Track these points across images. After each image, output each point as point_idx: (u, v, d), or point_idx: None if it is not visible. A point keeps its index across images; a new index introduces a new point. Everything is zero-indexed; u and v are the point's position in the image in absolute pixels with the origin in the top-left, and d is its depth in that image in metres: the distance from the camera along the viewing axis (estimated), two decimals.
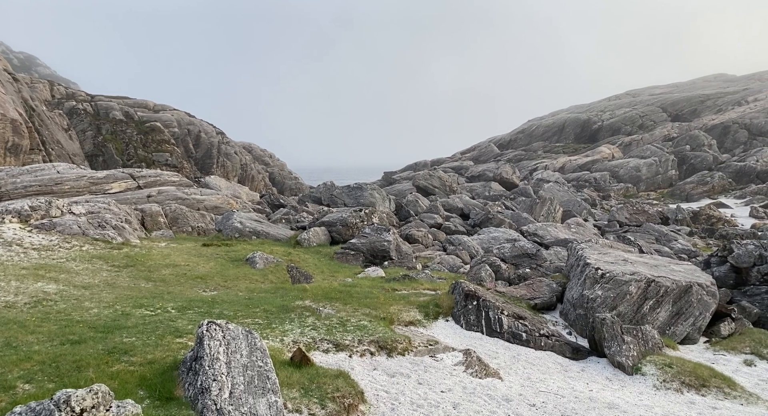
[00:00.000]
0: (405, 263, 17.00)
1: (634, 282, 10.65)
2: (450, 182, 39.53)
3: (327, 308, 9.85)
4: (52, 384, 5.60)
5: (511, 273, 15.33)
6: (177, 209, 22.18)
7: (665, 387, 8.43)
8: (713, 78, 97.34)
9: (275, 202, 32.45)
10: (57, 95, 57.79)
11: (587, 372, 9.01)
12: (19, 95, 43.77)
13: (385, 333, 8.82)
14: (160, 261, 14.07)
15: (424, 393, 7.12)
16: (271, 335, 8.12)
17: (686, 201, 43.01)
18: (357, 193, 30.17)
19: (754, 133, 56.62)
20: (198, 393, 5.36)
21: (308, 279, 14.02)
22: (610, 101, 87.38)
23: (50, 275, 11.06)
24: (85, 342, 6.95)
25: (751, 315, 12.14)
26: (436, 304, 10.95)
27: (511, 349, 9.56)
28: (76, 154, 46.92)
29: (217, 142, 63.84)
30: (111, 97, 61.19)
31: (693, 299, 10.78)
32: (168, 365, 6.23)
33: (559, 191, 38.77)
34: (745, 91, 71.35)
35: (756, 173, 46.93)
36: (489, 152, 72.00)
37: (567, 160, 58.33)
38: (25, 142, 38.11)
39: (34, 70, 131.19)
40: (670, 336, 10.58)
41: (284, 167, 76.61)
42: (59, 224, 15.49)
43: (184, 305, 9.52)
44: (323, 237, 19.95)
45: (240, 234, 19.89)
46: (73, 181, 25.17)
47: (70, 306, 8.96)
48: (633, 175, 50.24)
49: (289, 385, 6.25)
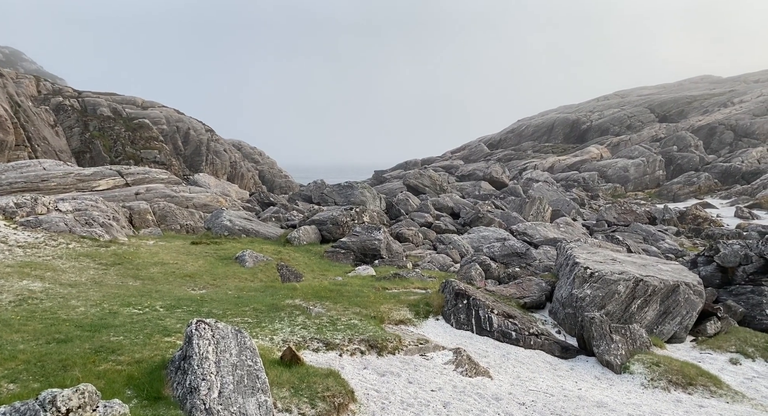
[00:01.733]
0: (395, 262, 17.00)
1: (623, 281, 10.73)
2: (440, 181, 39.61)
3: (317, 307, 9.81)
4: (38, 384, 5.52)
5: (500, 272, 15.39)
6: (165, 207, 21.99)
7: (653, 385, 8.50)
8: (700, 80, 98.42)
9: (265, 200, 32.31)
10: (43, 91, 56.99)
11: (576, 371, 9.06)
12: (4, 90, 43.13)
13: (376, 332, 8.81)
14: (148, 259, 13.94)
15: (414, 392, 7.11)
16: (261, 334, 8.07)
17: (673, 201, 43.47)
18: (347, 191, 30.12)
19: (740, 134, 57.37)
20: (187, 393, 5.31)
21: (298, 278, 13.97)
22: (599, 102, 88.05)
23: (36, 273, 10.90)
24: (72, 341, 6.85)
25: (737, 314, 12.28)
26: (426, 303, 10.96)
27: (501, 348, 9.59)
28: (62, 151, 46.34)
29: (207, 139, 63.38)
30: (99, 94, 60.47)
31: (680, 298, 10.89)
32: (156, 364, 6.17)
33: (548, 191, 39.00)
34: (730, 93, 72.24)
35: (741, 174, 47.55)
36: (479, 151, 72.23)
37: (556, 160, 58.70)
38: (10, 138, 37.56)
39: (19, 65, 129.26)
40: (657, 335, 10.68)
41: (274, 165, 76.25)
42: (45, 221, 15.28)
43: (172, 303, 9.43)
44: (313, 235, 19.89)
45: (229, 233, 19.77)
46: (59, 178, 24.86)
47: (56, 304, 8.84)
48: (621, 175, 50.68)
49: (278, 385, 6.21)
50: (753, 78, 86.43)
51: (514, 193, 38.47)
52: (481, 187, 42.18)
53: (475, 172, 51.31)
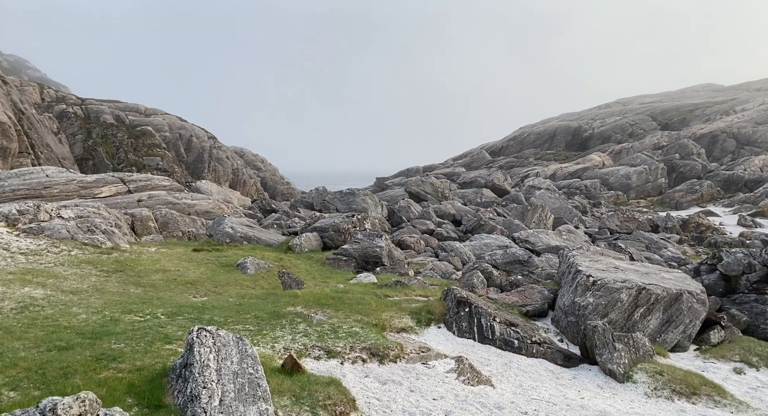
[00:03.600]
0: (397, 269, 16.97)
1: (625, 289, 10.69)
2: (442, 188, 39.62)
3: (318, 314, 9.79)
4: (38, 392, 5.50)
5: (503, 279, 15.35)
6: (167, 214, 22.01)
7: (656, 394, 8.44)
8: (702, 88, 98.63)
9: (267, 207, 32.33)
10: (47, 98, 57.33)
11: (579, 380, 9.01)
12: (8, 98, 43.37)
13: (377, 339, 8.77)
14: (150, 266, 13.93)
15: (416, 401, 7.07)
16: (262, 342, 8.05)
17: (675, 209, 43.39)
18: (349, 198, 30.14)
19: (742, 142, 57.36)
20: (187, 401, 5.28)
21: (300, 285, 13.94)
22: (601, 109, 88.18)
23: (38, 280, 10.90)
24: (73, 349, 6.84)
25: (740, 323, 12.22)
26: (428, 311, 10.92)
27: (503, 356, 9.54)
28: (65, 158, 46.51)
29: (209, 146, 63.60)
30: (102, 101, 60.78)
31: (683, 307, 10.84)
32: (157, 372, 6.15)
33: (550, 198, 38.96)
34: (732, 101, 72.34)
35: (744, 182, 47.48)
36: (481, 159, 72.32)
37: (558, 167, 58.71)
38: (14, 146, 37.73)
39: (24, 73, 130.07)
40: (660, 344, 10.61)
41: (276, 172, 76.44)
42: (48, 228, 15.30)
43: (174, 311, 9.41)
44: (315, 242, 19.88)
45: (231, 240, 19.77)
46: (62, 185, 24.92)
47: (57, 311, 8.83)
48: (623, 183, 50.64)
49: (280, 393, 6.19)
50: (755, 86, 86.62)
51: (516, 201, 38.45)
52: (482, 194, 42.18)
53: (477, 179, 51.35)
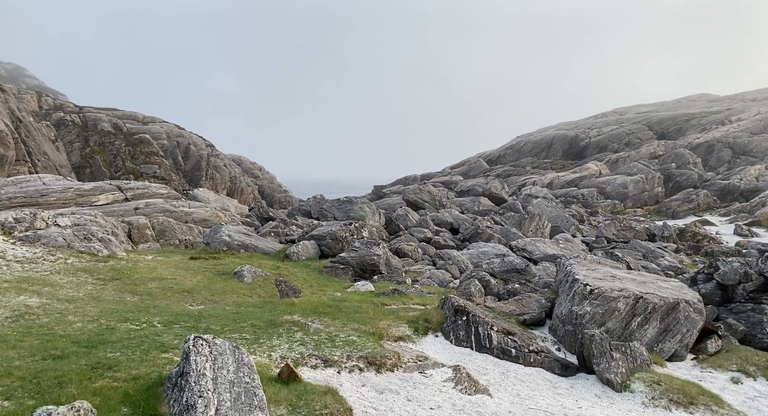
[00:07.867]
0: (394, 277, 16.94)
1: (623, 298, 10.70)
2: (440, 196, 39.68)
3: (315, 323, 9.76)
4: (33, 401, 5.46)
5: (500, 288, 15.33)
6: (164, 222, 21.98)
7: (654, 404, 8.42)
8: (697, 97, 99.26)
9: (264, 215, 32.30)
10: (45, 106, 57.37)
11: (576, 389, 8.98)
12: (5, 106, 43.39)
13: (374, 348, 8.74)
14: (146, 274, 13.89)
15: (413, 410, 7.04)
16: (259, 350, 8.01)
17: (672, 218, 43.51)
18: (347, 206, 30.14)
19: (738, 152, 57.70)
20: (183, 410, 5.25)
21: (297, 294, 13.90)
22: (597, 119, 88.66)
23: (33, 288, 10.85)
24: (68, 358, 6.80)
25: (737, 332, 12.22)
26: (425, 319, 10.90)
27: (501, 365, 9.52)
28: (62, 166, 46.46)
29: (207, 154, 63.65)
30: (99, 109, 60.86)
31: (680, 316, 10.84)
32: (153, 381, 6.11)
33: (547, 207, 39.03)
34: (728, 111, 72.83)
35: (740, 191, 47.69)
36: (478, 167, 72.52)
37: (555, 176, 58.89)
38: (11, 153, 37.68)
39: (21, 81, 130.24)
40: (657, 353, 10.60)
41: (274, 180, 76.48)
42: (44, 236, 15.26)
43: (170, 319, 9.38)
44: (312, 250, 19.85)
45: (228, 248, 19.73)
46: (59, 193, 24.88)
47: (53, 320, 8.79)
48: (620, 192, 50.81)
49: (276, 402, 6.15)
50: (750, 96, 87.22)
51: (513, 209, 38.50)
52: (480, 203, 42.23)
53: (475, 187, 51.42)
